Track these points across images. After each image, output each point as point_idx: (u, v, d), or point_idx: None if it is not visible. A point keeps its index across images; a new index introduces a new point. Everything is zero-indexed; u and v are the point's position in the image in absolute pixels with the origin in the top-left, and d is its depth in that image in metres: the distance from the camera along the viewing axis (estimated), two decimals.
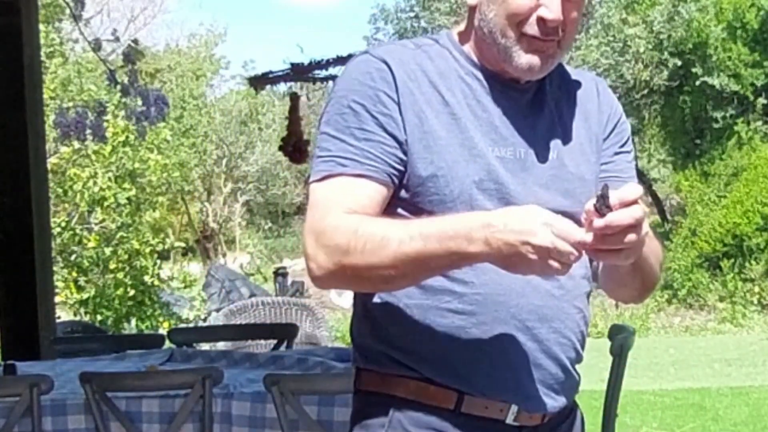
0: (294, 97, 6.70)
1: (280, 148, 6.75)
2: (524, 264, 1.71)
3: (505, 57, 1.91)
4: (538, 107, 1.97)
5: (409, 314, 1.91)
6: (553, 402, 1.95)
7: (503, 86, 1.95)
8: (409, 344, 1.91)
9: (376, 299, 1.94)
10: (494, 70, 1.96)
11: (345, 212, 1.84)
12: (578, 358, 1.99)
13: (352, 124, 1.89)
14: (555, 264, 1.69)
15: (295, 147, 6.50)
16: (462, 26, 2.02)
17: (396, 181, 1.90)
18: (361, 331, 2.00)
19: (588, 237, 1.68)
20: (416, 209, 1.89)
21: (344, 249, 1.80)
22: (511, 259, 1.71)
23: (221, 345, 6.72)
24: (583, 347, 2.01)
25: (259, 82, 7.31)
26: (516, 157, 1.91)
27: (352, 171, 1.88)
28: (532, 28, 1.89)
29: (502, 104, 1.94)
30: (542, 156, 1.94)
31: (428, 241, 1.75)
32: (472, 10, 1.95)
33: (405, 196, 1.91)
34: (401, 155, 1.89)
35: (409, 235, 1.77)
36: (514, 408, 1.90)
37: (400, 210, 1.91)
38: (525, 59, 1.90)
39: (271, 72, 7.11)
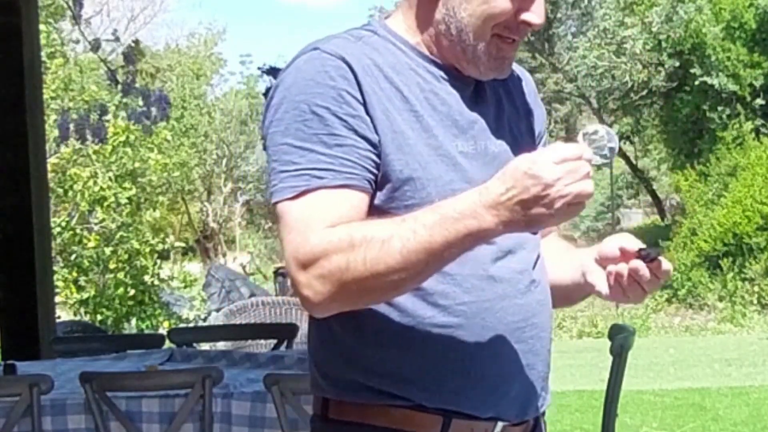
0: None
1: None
2: (546, 207, 1.59)
3: (473, 59, 1.80)
4: (481, 99, 1.86)
5: (388, 336, 1.77)
6: (542, 401, 1.90)
7: (452, 78, 1.83)
8: (392, 369, 1.78)
9: (345, 323, 1.78)
10: (445, 63, 1.84)
11: (328, 227, 1.67)
12: (550, 347, 1.95)
13: (319, 130, 1.71)
14: (577, 187, 1.59)
15: None
16: (400, 16, 1.86)
17: (374, 186, 1.74)
18: (330, 358, 1.83)
19: (585, 148, 1.63)
20: (389, 216, 1.72)
21: (344, 267, 1.64)
22: (530, 213, 1.60)
23: (221, 345, 6.71)
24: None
25: (274, 72, 7.23)
26: (477, 151, 1.81)
27: (332, 182, 1.70)
28: (508, 31, 1.79)
29: (455, 96, 1.82)
30: (495, 149, 1.84)
31: (433, 231, 1.62)
32: (431, 2, 1.81)
33: (378, 203, 1.75)
34: (375, 158, 1.73)
35: (411, 230, 1.63)
36: (499, 426, 1.83)
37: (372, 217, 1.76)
38: (494, 64, 1.81)
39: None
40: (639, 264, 1.74)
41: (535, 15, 1.78)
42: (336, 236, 1.66)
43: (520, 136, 1.91)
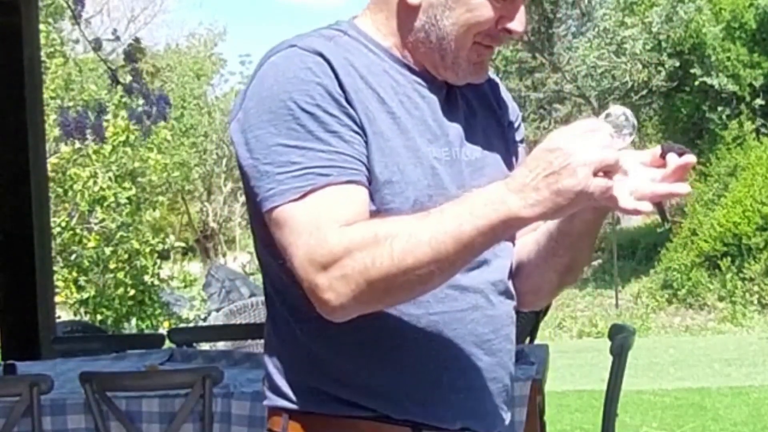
0: None
1: None
2: (572, 177, 1.53)
3: (452, 65, 1.77)
4: (453, 104, 1.82)
5: (360, 346, 1.71)
6: (506, 415, 1.86)
7: (425, 82, 1.79)
8: (362, 379, 1.72)
9: (313, 331, 1.71)
10: (418, 68, 1.80)
11: (343, 226, 1.60)
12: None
13: (314, 128, 1.64)
14: (600, 154, 1.54)
15: None
16: (369, 17, 1.81)
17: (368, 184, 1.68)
18: (294, 368, 1.75)
19: (604, 124, 1.61)
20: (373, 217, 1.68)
21: (369, 264, 1.57)
22: (557, 187, 1.54)
23: (221, 345, 6.72)
24: None
25: None
26: (451, 158, 1.76)
27: (338, 179, 1.63)
28: (489, 39, 1.77)
29: (428, 101, 1.78)
30: (468, 157, 1.80)
31: (462, 220, 1.56)
32: (411, 9, 1.76)
33: None
34: (367, 154, 1.68)
35: (438, 221, 1.57)
36: None
37: None
38: (473, 69, 1.78)
39: None
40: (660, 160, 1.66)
41: (517, 23, 1.76)
42: (358, 233, 1.59)
43: (494, 140, 1.87)
